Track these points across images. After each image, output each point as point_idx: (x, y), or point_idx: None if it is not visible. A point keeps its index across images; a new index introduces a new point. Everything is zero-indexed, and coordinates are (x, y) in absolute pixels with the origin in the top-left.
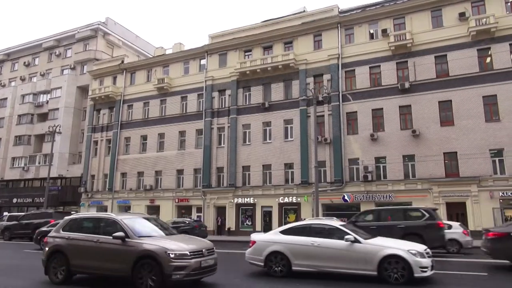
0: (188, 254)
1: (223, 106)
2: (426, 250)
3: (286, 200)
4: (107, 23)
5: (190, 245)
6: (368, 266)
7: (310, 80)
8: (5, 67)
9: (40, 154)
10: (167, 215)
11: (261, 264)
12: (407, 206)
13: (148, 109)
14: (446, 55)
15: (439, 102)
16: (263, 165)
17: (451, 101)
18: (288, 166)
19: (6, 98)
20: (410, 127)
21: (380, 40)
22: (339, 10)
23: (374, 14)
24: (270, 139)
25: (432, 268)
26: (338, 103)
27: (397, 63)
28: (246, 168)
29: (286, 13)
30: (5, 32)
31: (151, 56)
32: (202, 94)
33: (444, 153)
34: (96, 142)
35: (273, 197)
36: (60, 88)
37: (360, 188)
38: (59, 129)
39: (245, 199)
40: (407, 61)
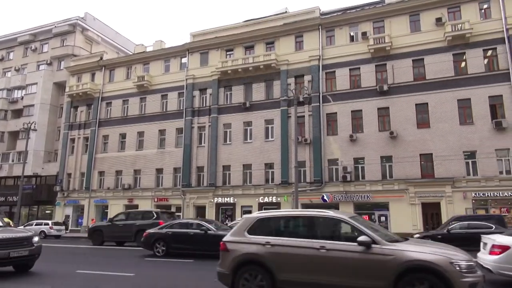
0: (474, 265)
1: (204, 105)
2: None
3: (266, 200)
4: (86, 19)
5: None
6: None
7: (291, 81)
8: None
9: (14, 152)
10: None
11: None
12: (146, 209)
13: (128, 107)
14: (423, 59)
15: (416, 105)
16: (244, 165)
17: (428, 104)
18: (269, 166)
19: None
20: (388, 129)
21: (360, 43)
22: (321, 12)
23: (355, 17)
24: (251, 139)
25: None
26: (319, 104)
27: (376, 66)
28: (227, 168)
29: (268, 14)
30: None
31: (131, 53)
32: (183, 93)
33: (420, 155)
34: (73, 140)
35: (253, 197)
36: (36, 84)
37: (339, 188)
38: (34, 126)
39: (225, 199)
40: (386, 64)
